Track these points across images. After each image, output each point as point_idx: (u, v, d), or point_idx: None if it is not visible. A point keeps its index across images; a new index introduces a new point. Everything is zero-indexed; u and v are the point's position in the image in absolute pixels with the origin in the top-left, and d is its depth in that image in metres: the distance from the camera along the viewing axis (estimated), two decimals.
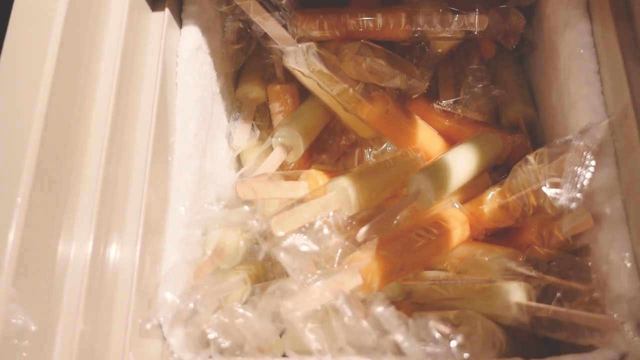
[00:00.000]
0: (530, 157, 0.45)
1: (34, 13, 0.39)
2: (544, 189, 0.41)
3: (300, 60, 0.52)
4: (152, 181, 0.44)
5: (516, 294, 0.43)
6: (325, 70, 0.50)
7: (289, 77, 0.62)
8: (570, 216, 0.43)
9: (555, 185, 0.41)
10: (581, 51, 0.48)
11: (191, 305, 0.42)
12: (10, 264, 0.32)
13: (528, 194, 0.45)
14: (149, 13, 0.49)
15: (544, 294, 0.43)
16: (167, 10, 0.49)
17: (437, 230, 0.48)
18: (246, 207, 0.49)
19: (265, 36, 0.57)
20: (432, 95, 0.61)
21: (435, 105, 0.59)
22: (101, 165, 0.39)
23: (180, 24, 0.51)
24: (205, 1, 0.53)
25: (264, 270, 0.54)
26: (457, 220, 0.49)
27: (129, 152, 0.43)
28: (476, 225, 0.51)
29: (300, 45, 0.50)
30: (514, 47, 0.58)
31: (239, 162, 0.61)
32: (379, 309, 0.40)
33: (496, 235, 0.52)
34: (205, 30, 0.53)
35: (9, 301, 0.32)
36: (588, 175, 0.40)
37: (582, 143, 0.42)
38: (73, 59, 0.39)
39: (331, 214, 0.47)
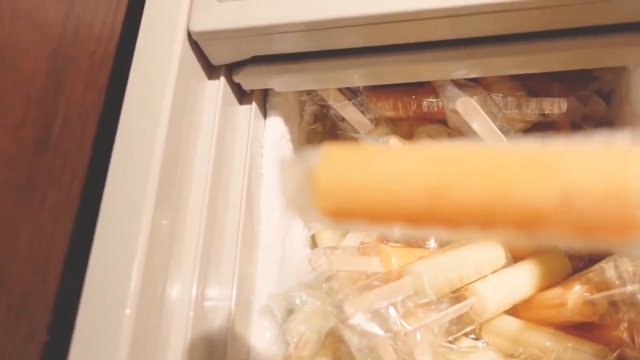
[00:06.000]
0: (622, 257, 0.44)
1: (142, 111, 0.42)
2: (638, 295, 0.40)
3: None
4: (240, 273, 0.45)
5: None
6: None
7: None
8: None
9: None
10: None
11: None
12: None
13: (618, 294, 0.44)
14: (237, 107, 0.51)
15: None
16: (253, 103, 0.51)
17: None
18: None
19: (342, 118, 0.59)
20: None
21: None
22: (197, 264, 0.41)
23: (265, 114, 0.54)
24: (288, 92, 0.55)
25: (339, 353, 0.54)
26: None
27: (219, 245, 0.45)
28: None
29: (381, 139, 0.52)
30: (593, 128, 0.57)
31: (313, 240, 0.62)
32: None
33: (581, 327, 0.51)
34: (287, 119, 0.55)
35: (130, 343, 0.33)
36: None
37: None
38: (173, 156, 0.42)
39: (400, 298, 0.48)
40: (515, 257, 0.55)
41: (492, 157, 0.23)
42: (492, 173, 0.22)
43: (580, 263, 0.55)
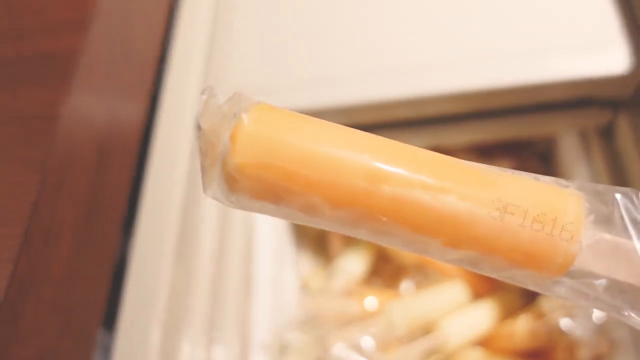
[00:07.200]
0: None
1: (161, 188, 0.53)
2: (560, 320, 0.49)
3: None
4: (240, 315, 0.55)
5: None
6: None
7: None
8: (588, 342, 0.51)
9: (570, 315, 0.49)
10: None
11: None
12: None
13: (552, 321, 0.53)
14: None
15: None
16: None
17: None
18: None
19: None
20: None
21: None
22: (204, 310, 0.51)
23: None
24: None
25: None
26: None
27: (223, 293, 0.55)
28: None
29: None
30: None
31: (304, 286, 0.72)
32: None
33: (535, 353, 0.59)
34: None
35: None
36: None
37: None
38: (186, 225, 0.53)
39: (375, 332, 0.58)
40: (478, 295, 0.65)
41: (438, 161, 0.24)
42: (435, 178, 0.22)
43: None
